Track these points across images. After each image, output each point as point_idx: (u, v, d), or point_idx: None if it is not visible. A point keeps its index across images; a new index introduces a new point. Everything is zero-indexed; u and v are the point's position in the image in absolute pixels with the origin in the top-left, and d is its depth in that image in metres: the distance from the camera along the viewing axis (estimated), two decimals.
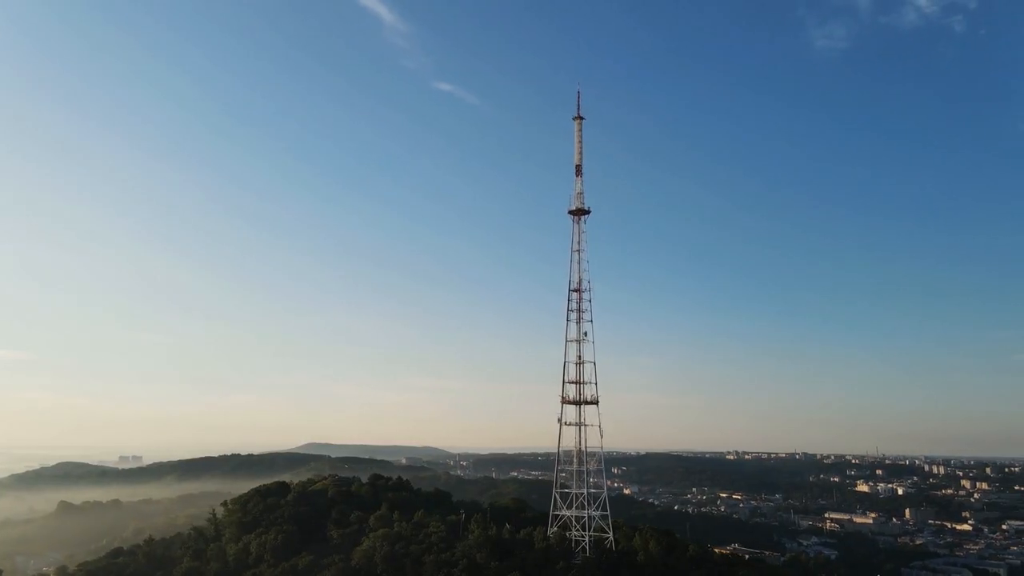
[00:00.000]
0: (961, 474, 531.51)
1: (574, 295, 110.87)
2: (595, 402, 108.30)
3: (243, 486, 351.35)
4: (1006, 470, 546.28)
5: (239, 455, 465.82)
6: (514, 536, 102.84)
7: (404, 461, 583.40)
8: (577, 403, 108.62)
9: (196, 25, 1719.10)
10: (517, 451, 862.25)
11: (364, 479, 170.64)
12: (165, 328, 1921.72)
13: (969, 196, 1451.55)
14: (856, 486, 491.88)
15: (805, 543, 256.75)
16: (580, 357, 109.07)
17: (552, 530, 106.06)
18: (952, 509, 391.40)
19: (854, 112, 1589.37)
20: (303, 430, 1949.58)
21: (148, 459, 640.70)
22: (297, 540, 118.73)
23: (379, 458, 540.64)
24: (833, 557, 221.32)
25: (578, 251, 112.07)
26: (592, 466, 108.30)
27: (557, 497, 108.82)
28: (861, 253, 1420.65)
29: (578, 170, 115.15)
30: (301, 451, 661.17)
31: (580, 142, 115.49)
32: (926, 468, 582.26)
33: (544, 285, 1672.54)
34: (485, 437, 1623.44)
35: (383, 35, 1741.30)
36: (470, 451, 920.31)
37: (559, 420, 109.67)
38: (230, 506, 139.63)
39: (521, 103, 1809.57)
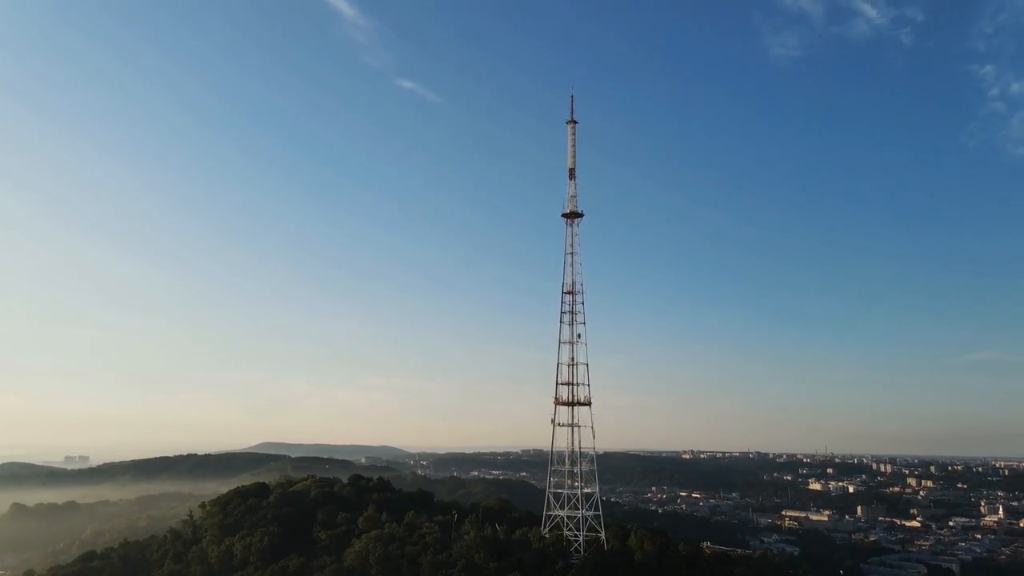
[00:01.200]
0: (907, 472, 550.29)
1: (567, 297, 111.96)
2: (588, 403, 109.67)
3: (203, 487, 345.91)
4: (949, 468, 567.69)
5: (195, 455, 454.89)
6: (509, 536, 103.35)
7: (364, 461, 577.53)
8: (570, 404, 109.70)
9: (144, 14, 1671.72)
10: (475, 451, 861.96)
11: (330, 479, 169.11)
12: (99, 323, 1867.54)
13: (917, 200, 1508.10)
14: (808, 484, 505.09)
15: (767, 540, 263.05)
16: (573, 359, 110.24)
17: (546, 530, 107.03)
18: (901, 506, 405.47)
19: (809, 117, 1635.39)
20: (256, 429, 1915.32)
21: (96, 459, 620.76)
22: (283, 542, 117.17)
23: (339, 458, 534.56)
24: (796, 554, 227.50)
25: (571, 254, 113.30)
26: (584, 467, 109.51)
27: (551, 497, 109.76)
28: (811, 255, 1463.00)
29: (571, 173, 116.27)
30: (257, 451, 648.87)
31: (573, 146, 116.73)
32: (874, 467, 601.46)
33: (501, 285, 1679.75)
34: (442, 437, 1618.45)
35: (344, 30, 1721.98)
36: (428, 451, 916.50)
37: (552, 421, 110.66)
38: (208, 507, 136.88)
39: (482, 103, 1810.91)
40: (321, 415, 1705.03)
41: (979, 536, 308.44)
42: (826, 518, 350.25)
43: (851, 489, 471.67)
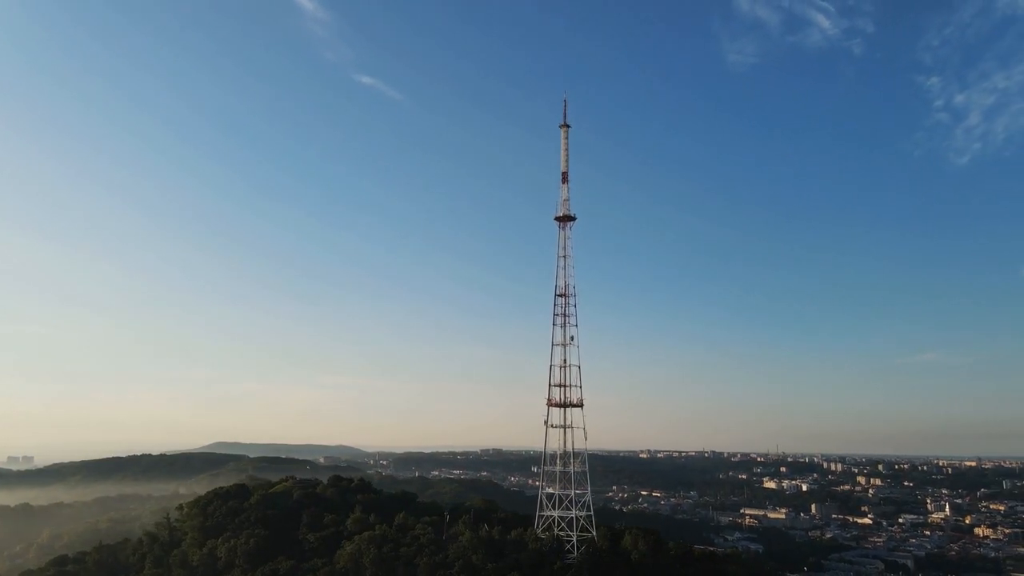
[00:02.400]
0: (856, 471, 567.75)
1: (560, 300, 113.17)
2: (580, 405, 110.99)
3: (160, 488, 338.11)
4: (896, 467, 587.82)
5: (150, 455, 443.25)
6: (504, 537, 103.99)
7: (323, 460, 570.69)
8: (562, 406, 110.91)
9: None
10: (434, 450, 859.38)
11: (312, 480, 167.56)
12: (41, 320, 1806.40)
13: (866, 206, 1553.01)
14: (763, 483, 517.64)
15: (730, 538, 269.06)
16: (565, 361, 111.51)
17: (540, 530, 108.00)
18: (852, 504, 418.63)
19: (765, 122, 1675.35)
20: (208, 429, 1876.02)
21: (41, 460, 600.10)
22: (268, 544, 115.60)
23: (296, 457, 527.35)
24: (760, 551, 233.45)
25: (564, 256, 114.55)
26: (576, 467, 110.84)
27: (543, 498, 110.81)
28: (765, 258, 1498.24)
29: (564, 177, 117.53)
30: (211, 451, 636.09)
31: (566, 149, 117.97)
32: (825, 466, 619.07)
33: (454, 282, 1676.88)
34: (398, 436, 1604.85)
35: (303, 24, 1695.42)
36: (385, 450, 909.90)
37: (545, 422, 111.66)
38: (187, 509, 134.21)
39: (444, 101, 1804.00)
40: (275, 414, 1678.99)
41: (928, 533, 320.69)
42: (783, 516, 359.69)
43: (804, 488, 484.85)
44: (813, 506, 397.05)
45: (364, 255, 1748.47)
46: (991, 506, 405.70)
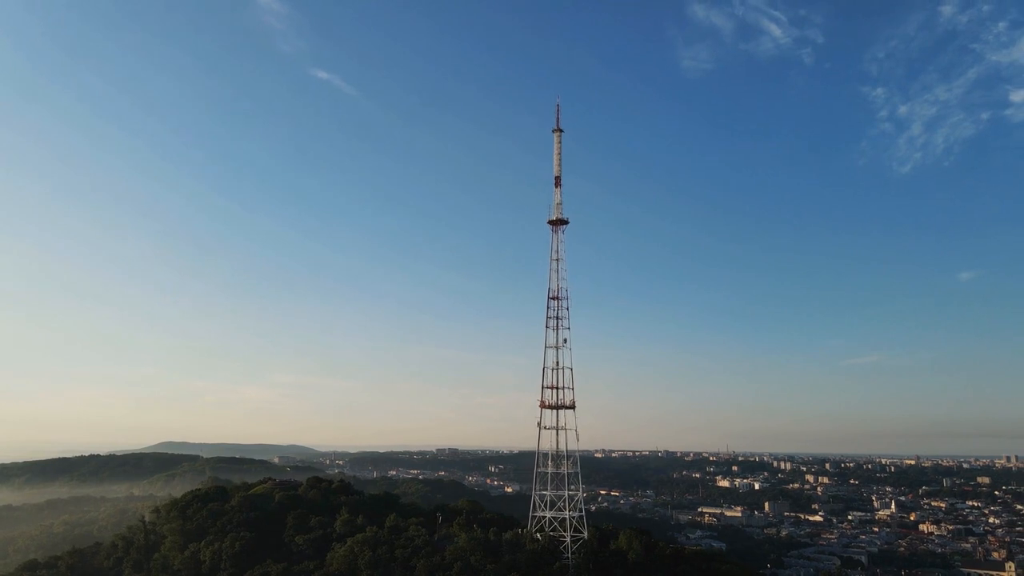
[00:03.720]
0: (805, 469, 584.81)
1: (553, 303, 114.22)
2: (572, 407, 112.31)
3: (111, 490, 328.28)
4: (842, 465, 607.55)
5: (99, 455, 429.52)
6: (499, 537, 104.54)
7: (277, 460, 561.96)
8: (555, 408, 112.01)
9: None
10: (388, 449, 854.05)
11: (292, 482, 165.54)
12: None
13: (810, 214, 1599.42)
14: (717, 482, 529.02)
15: (692, 536, 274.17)
16: (558, 363, 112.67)
17: (533, 530, 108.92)
18: (803, 502, 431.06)
19: (718, 128, 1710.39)
20: (155, 428, 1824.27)
21: None
22: (254, 547, 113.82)
23: (248, 457, 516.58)
24: (724, 549, 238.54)
25: (557, 260, 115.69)
26: (568, 468, 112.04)
27: (537, 499, 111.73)
28: (711, 259, 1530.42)
29: (557, 181, 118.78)
30: (159, 451, 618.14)
31: (559, 154, 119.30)
32: (774, 464, 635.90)
33: (405, 281, 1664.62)
34: (349, 435, 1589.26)
35: (258, 15, 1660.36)
36: (339, 449, 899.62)
37: (538, 424, 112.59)
38: (165, 512, 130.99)
39: (398, 97, 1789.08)
40: (224, 413, 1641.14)
41: (876, 529, 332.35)
42: (739, 514, 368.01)
43: (757, 486, 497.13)
44: (766, 504, 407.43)
45: (309, 252, 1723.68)
46: (932, 503, 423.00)
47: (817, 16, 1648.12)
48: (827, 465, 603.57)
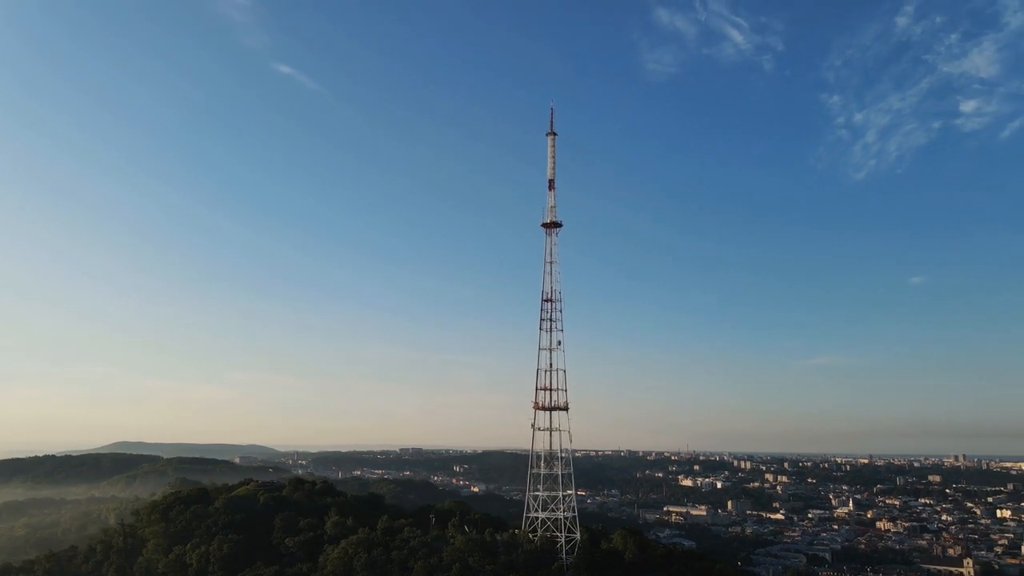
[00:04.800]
0: (764, 468, 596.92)
1: (546, 305, 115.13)
2: (565, 408, 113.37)
3: (72, 491, 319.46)
4: (800, 464, 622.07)
5: (54, 456, 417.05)
6: (494, 538, 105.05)
7: (238, 460, 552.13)
8: (549, 409, 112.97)
9: None
10: (351, 449, 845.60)
11: (275, 483, 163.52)
12: None
13: (770, 218, 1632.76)
14: (679, 481, 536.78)
15: (662, 535, 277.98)
16: (551, 365, 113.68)
17: (527, 531, 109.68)
18: (764, 500, 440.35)
19: (680, 131, 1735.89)
20: (108, 428, 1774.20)
21: None
22: (243, 550, 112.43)
23: (208, 457, 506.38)
24: (694, 547, 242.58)
25: (551, 262, 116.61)
26: (560, 469, 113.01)
27: (531, 500, 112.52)
28: (670, 261, 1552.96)
29: (551, 184, 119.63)
30: (114, 451, 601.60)
31: (553, 157, 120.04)
32: (735, 464, 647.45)
33: (364, 280, 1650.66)
34: (309, 435, 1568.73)
35: (219, 7, 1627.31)
36: (299, 449, 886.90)
37: (532, 425, 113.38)
38: (145, 515, 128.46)
39: (363, 95, 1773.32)
40: (179, 413, 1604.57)
41: (836, 527, 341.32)
42: (704, 513, 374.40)
43: (719, 485, 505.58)
44: (729, 503, 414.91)
45: (267, 251, 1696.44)
46: (887, 501, 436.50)
47: (778, 23, 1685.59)
48: (785, 464, 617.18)
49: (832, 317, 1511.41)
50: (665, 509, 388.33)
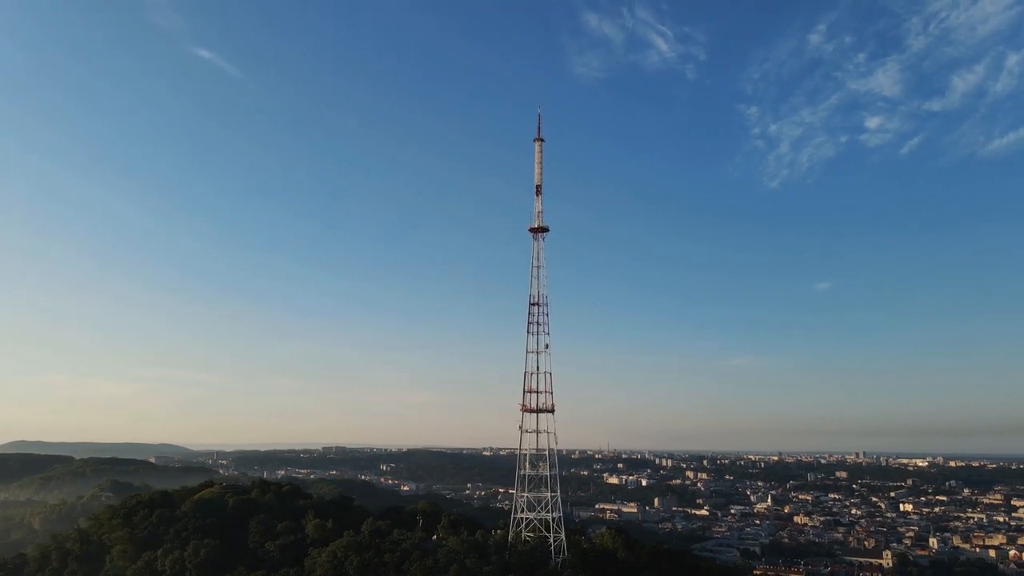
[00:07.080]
0: (684, 466, 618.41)
1: (534, 309, 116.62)
2: (551, 410, 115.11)
3: None
4: (718, 462, 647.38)
5: None
6: (486, 539, 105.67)
7: (154, 460, 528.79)
8: (535, 411, 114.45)
9: None
10: (271, 447, 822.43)
11: (242, 486, 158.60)
12: None
13: (689, 224, 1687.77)
14: (606, 479, 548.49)
15: (600, 532, 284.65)
16: (538, 368, 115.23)
17: (516, 531, 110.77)
18: (688, 497, 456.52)
19: (606, 135, 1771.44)
20: (1, 427, 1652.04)
21: None
22: (219, 555, 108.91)
23: (119, 456, 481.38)
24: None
25: (538, 267, 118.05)
26: (546, 471, 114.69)
27: (519, 501, 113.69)
28: (592, 261, 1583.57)
29: (538, 190, 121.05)
30: (10, 451, 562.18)
31: (540, 163, 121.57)
32: (656, 461, 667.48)
33: (273, 276, 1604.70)
34: (222, 434, 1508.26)
35: None
36: (215, 448, 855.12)
37: (520, 427, 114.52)
38: (106, 519, 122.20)
39: (286, 83, 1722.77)
40: (81, 410, 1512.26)
41: (758, 522, 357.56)
42: (635, 510, 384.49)
43: (644, 482, 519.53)
44: (656, 500, 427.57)
45: (173, 245, 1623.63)
46: (800, 496, 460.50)
47: (700, 35, 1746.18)
48: (704, 462, 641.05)
49: (747, 320, 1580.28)
50: (598, 507, 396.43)
